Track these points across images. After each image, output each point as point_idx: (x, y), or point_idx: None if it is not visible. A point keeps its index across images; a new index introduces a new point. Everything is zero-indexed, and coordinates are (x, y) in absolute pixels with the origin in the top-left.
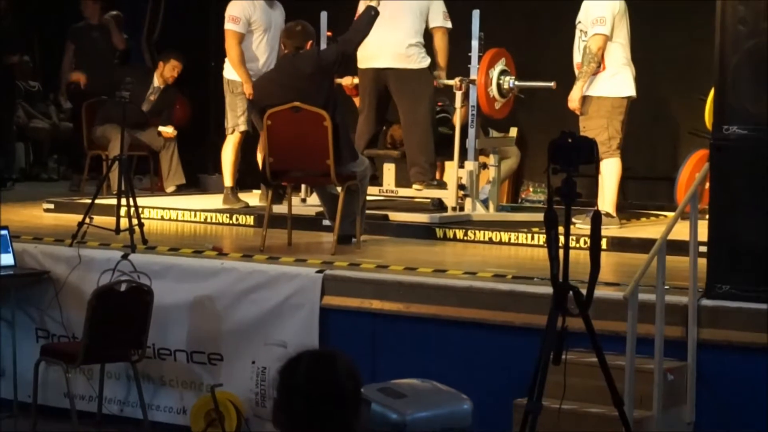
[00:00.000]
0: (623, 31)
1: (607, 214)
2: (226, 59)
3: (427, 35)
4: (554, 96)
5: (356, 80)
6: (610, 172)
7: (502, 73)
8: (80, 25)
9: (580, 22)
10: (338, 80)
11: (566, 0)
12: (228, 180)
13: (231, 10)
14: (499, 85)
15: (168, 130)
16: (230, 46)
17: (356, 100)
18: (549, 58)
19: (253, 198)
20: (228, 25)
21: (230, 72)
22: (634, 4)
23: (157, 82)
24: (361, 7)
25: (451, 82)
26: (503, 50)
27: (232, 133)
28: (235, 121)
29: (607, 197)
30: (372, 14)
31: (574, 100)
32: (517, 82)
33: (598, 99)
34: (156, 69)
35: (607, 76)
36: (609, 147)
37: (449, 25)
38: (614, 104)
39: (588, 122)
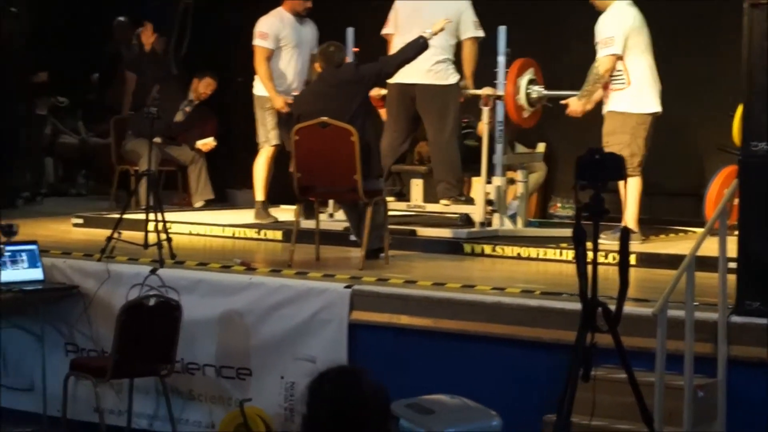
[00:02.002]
0: (642, 42)
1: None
2: (256, 77)
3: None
4: None
5: (383, 91)
6: (631, 188)
7: (530, 82)
8: (135, 55)
9: (597, 42)
10: None
11: (592, 13)
12: (259, 194)
13: (260, 26)
14: (527, 95)
15: (207, 141)
16: (259, 62)
17: (382, 112)
18: (574, 70)
19: (283, 213)
20: (257, 41)
21: (260, 88)
22: (660, 18)
23: (191, 96)
24: (390, 18)
25: (480, 91)
26: (532, 60)
27: (264, 147)
28: (266, 135)
29: (629, 213)
30: (421, 42)
31: (574, 112)
32: (544, 91)
33: (622, 115)
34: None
35: (633, 92)
36: (631, 164)
37: (481, 33)
38: (639, 121)
39: (611, 138)
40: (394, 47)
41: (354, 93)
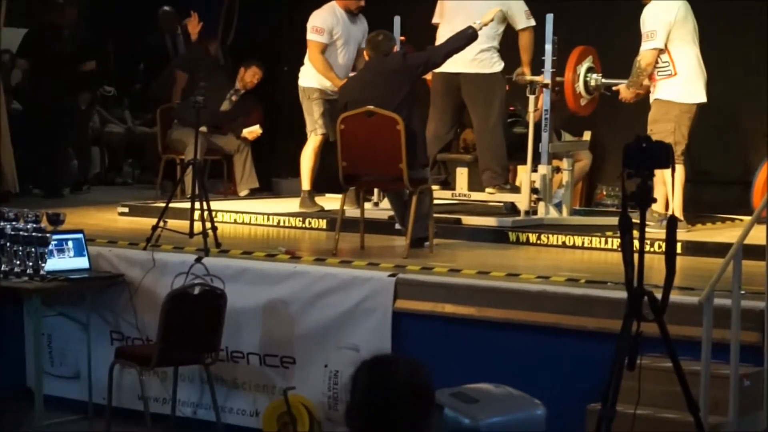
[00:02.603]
0: (687, 33)
1: None
2: (302, 68)
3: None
4: None
5: None
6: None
7: (589, 70)
8: (188, 54)
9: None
10: None
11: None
12: (306, 183)
13: (314, 21)
14: (585, 83)
15: (253, 129)
16: (314, 56)
17: None
18: (625, 58)
19: (328, 202)
20: (312, 36)
21: (304, 79)
22: (707, 6)
23: (238, 85)
24: (438, 9)
25: (537, 78)
26: (591, 48)
27: (311, 137)
28: (313, 125)
29: (675, 201)
30: (470, 33)
31: (625, 99)
32: (603, 80)
33: (667, 104)
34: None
35: (680, 81)
36: (674, 152)
37: (533, 23)
38: (683, 110)
39: (655, 126)
40: (441, 36)
41: (401, 82)
